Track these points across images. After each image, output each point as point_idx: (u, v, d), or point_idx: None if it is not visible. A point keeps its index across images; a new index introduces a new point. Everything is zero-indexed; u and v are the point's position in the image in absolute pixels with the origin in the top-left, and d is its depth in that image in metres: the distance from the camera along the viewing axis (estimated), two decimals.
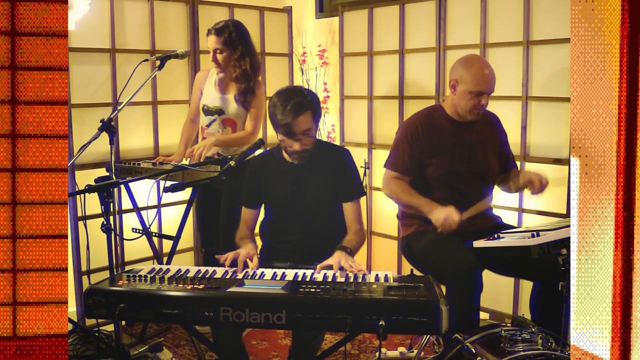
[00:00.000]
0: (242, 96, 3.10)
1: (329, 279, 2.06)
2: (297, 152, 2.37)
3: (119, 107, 2.60)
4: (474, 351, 1.97)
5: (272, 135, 3.77)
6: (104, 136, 2.51)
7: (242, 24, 3.16)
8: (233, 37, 3.05)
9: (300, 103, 2.31)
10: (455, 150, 2.64)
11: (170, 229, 3.51)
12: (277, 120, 2.32)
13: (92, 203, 2.52)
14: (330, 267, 2.18)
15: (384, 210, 3.77)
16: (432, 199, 2.55)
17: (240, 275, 2.12)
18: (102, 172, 3.08)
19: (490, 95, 2.59)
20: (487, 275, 2.44)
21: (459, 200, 2.54)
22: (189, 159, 3.08)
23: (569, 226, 2.00)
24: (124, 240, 3.34)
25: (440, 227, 2.45)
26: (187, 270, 2.16)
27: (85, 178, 3.04)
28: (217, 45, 3.05)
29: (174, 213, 3.59)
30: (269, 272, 2.16)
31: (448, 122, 2.67)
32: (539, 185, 2.56)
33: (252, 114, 3.13)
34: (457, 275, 2.30)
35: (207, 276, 2.10)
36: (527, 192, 3.10)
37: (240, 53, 3.06)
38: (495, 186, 2.80)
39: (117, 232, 3.23)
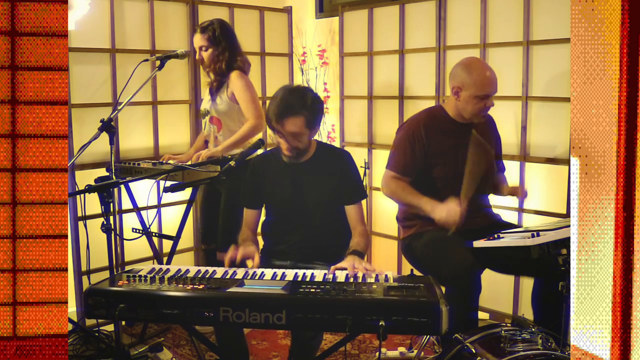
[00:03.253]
0: (212, 89, 3.12)
1: (329, 279, 2.06)
2: (284, 149, 2.38)
3: (119, 107, 2.60)
4: (474, 351, 1.97)
5: (272, 135, 3.78)
6: (104, 136, 2.51)
7: (227, 23, 3.18)
8: (217, 34, 3.06)
9: (290, 106, 2.29)
10: (459, 151, 2.63)
11: (170, 229, 3.51)
12: (268, 116, 2.34)
13: (92, 203, 2.52)
14: (343, 270, 2.17)
15: (384, 210, 3.77)
16: (437, 199, 2.55)
17: (240, 275, 2.12)
18: (102, 172, 3.08)
19: (493, 95, 2.60)
20: (487, 275, 2.44)
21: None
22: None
23: (569, 226, 2.00)
24: (124, 240, 3.34)
25: (445, 224, 2.44)
26: (187, 270, 2.16)
27: (85, 178, 3.04)
28: (202, 43, 3.07)
29: (174, 213, 3.59)
30: (269, 272, 2.15)
31: (451, 124, 2.67)
32: (520, 192, 2.72)
33: (244, 104, 3.08)
34: (456, 276, 2.30)
35: (207, 276, 2.10)
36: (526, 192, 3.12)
37: (221, 49, 3.06)
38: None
39: (117, 232, 3.23)
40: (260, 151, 2.72)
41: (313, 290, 1.90)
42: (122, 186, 3.24)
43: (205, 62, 3.10)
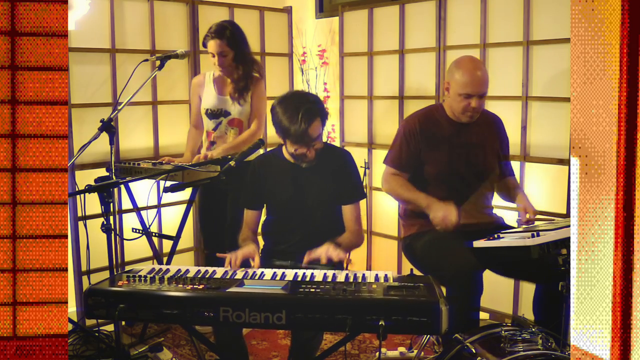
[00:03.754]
0: (236, 93, 3.10)
1: (329, 279, 2.06)
2: (307, 157, 2.38)
3: (119, 107, 2.60)
4: (474, 351, 1.97)
5: (272, 135, 3.78)
6: (104, 136, 2.51)
7: (237, 24, 3.17)
8: (235, 37, 3.04)
9: (311, 110, 2.30)
10: (454, 150, 2.64)
11: (170, 229, 3.51)
12: (290, 130, 2.29)
13: (92, 203, 2.52)
14: (318, 260, 2.18)
15: (384, 210, 3.77)
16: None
17: (240, 275, 2.12)
18: (102, 172, 3.08)
19: (482, 97, 2.58)
20: (487, 275, 2.44)
21: (457, 200, 2.54)
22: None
23: (569, 226, 2.00)
24: (124, 240, 3.34)
25: (439, 226, 2.46)
26: (187, 270, 2.16)
27: (85, 178, 3.04)
28: (221, 48, 3.02)
29: (174, 213, 3.59)
30: (269, 272, 2.16)
31: (447, 122, 2.67)
32: (524, 218, 2.56)
33: (256, 111, 3.12)
34: (457, 276, 2.30)
35: (207, 276, 2.11)
36: (526, 194, 3.11)
37: (242, 53, 3.06)
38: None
39: (117, 232, 3.22)
40: (260, 151, 2.72)
41: (313, 290, 1.90)
42: (122, 186, 3.24)
43: (227, 68, 3.07)
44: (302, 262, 2.37)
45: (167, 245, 3.43)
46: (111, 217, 2.27)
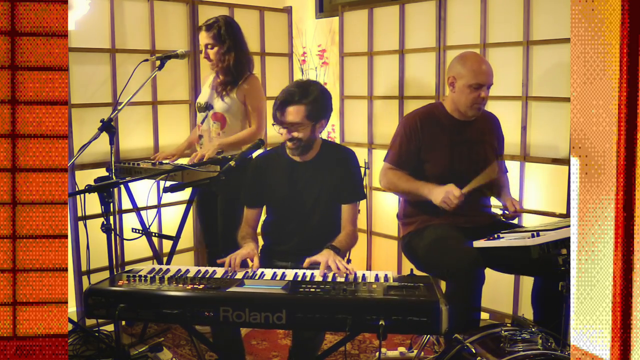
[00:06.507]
0: (220, 86, 3.10)
1: (329, 279, 2.06)
2: (287, 140, 2.40)
3: (119, 107, 2.60)
4: (474, 351, 1.97)
5: (272, 135, 3.78)
6: (104, 136, 2.51)
7: (234, 21, 3.17)
8: (222, 32, 3.05)
9: (292, 94, 2.35)
10: (455, 149, 2.64)
11: (170, 229, 3.51)
12: (273, 107, 2.38)
13: (92, 203, 2.52)
14: (317, 264, 2.17)
15: (384, 210, 3.77)
16: None
17: (240, 275, 2.12)
18: (102, 172, 3.08)
19: (489, 87, 2.60)
20: (487, 276, 2.44)
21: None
22: (188, 160, 3.08)
23: (569, 226, 2.00)
24: (124, 240, 3.34)
25: (442, 204, 2.46)
26: (187, 270, 2.16)
27: (85, 178, 3.04)
28: (207, 41, 3.06)
29: (174, 213, 3.59)
30: (269, 272, 2.16)
31: (448, 120, 2.67)
32: (512, 214, 2.65)
33: (253, 110, 3.11)
34: (458, 270, 2.30)
35: (207, 276, 2.11)
36: (526, 194, 3.12)
37: (226, 48, 3.06)
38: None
39: (117, 232, 3.23)
40: (260, 151, 2.72)
41: (313, 290, 1.90)
42: (122, 186, 3.24)
43: (212, 61, 3.09)
44: (302, 263, 2.37)
45: (167, 245, 3.44)
46: (111, 217, 2.27)
